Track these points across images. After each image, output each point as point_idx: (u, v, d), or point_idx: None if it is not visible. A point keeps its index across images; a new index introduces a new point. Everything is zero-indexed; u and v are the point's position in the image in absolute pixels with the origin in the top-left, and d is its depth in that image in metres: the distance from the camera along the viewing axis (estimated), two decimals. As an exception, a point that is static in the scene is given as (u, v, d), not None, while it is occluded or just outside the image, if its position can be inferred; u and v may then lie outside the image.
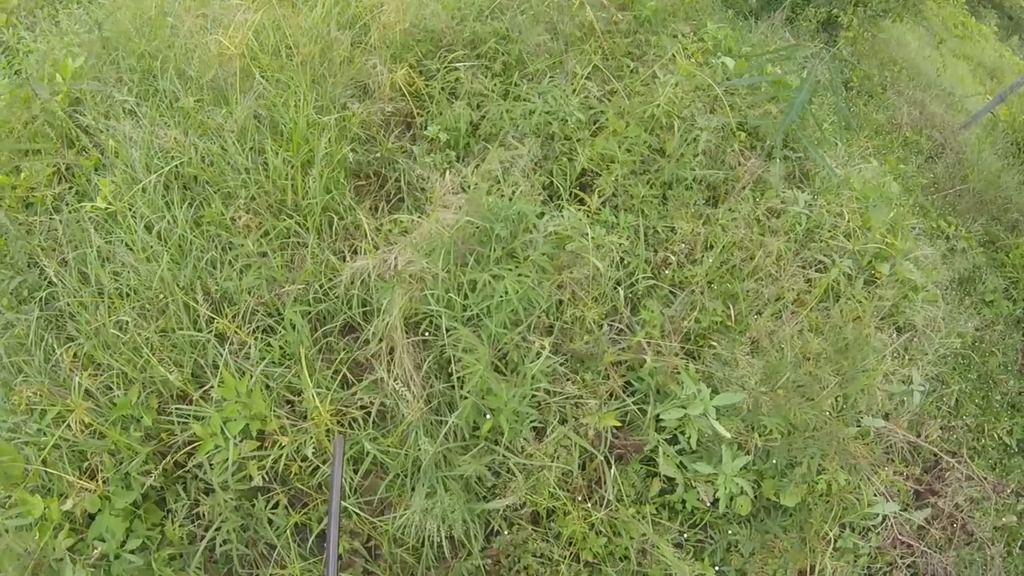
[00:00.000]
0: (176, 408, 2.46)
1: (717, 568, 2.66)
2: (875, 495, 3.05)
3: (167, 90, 3.33)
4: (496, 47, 3.47)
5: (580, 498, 2.56)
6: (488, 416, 2.40)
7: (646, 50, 3.63)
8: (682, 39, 3.74)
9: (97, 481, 2.32)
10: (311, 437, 2.43)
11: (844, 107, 3.49)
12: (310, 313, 2.78)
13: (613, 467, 2.59)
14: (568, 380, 2.60)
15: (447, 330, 2.54)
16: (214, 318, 2.65)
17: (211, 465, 2.34)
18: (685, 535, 2.67)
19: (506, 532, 2.50)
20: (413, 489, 2.40)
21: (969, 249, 5.29)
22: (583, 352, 2.67)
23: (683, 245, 3.01)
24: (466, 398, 2.42)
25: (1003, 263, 5.52)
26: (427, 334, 2.65)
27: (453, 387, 2.52)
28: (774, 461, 2.84)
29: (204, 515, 2.39)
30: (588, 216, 2.89)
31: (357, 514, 2.44)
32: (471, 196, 2.76)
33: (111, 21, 3.88)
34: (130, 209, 2.87)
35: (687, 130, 3.23)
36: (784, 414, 2.83)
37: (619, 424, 2.63)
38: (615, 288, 2.84)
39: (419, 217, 2.90)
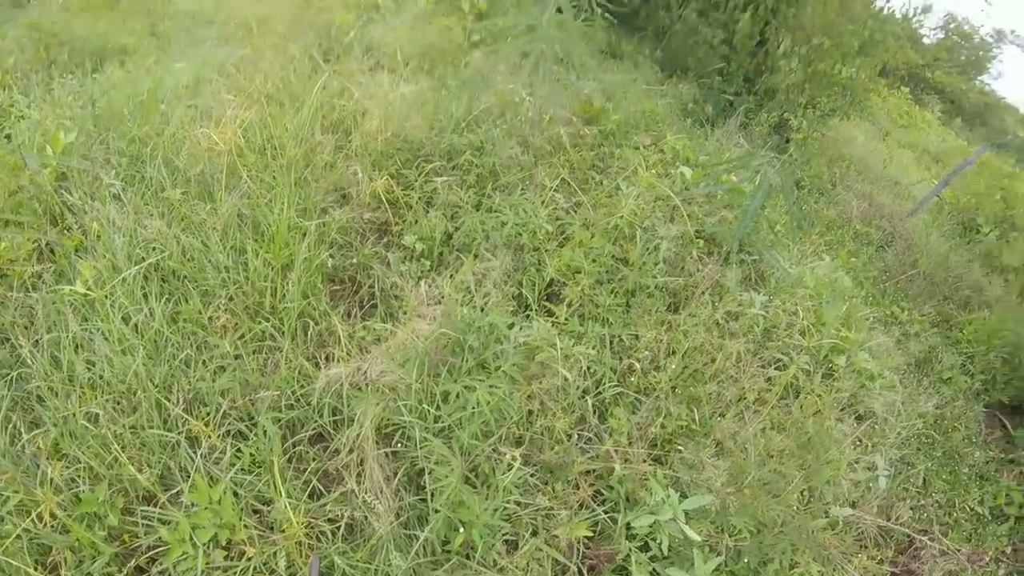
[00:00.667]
0: (142, 510, 2.41)
1: (694, 675, 2.63)
2: (852, 582, 3.08)
3: (154, 178, 3.39)
4: (471, 159, 3.67)
5: (552, 612, 2.55)
6: (460, 530, 2.41)
7: (610, 162, 3.88)
8: (643, 151, 4.01)
9: (59, 576, 2.24)
10: (281, 549, 2.40)
11: (796, 211, 3.75)
12: (281, 420, 2.78)
13: (585, 578, 2.60)
14: (539, 491, 2.64)
15: (419, 441, 2.57)
16: (187, 418, 2.64)
17: (176, 573, 2.28)
18: (660, 642, 2.66)
19: (476, 651, 2.46)
20: (382, 608, 2.37)
21: (923, 332, 5.53)
22: (553, 462, 2.72)
23: (647, 352, 3.13)
24: (438, 511, 2.43)
25: (958, 340, 5.77)
26: (399, 445, 2.67)
27: (424, 500, 2.54)
28: (746, 560, 2.87)
29: (166, 623, 2.32)
30: (556, 326, 3.01)
31: (322, 634, 2.39)
32: (446, 307, 2.86)
33: (105, 99, 3.98)
34: (109, 297, 2.86)
35: (649, 239, 3.42)
36: (752, 513, 2.89)
37: (591, 534, 2.65)
38: (583, 397, 2.92)
39: (393, 326, 2.98)
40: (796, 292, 3.93)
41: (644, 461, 2.84)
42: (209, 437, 2.63)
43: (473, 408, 2.56)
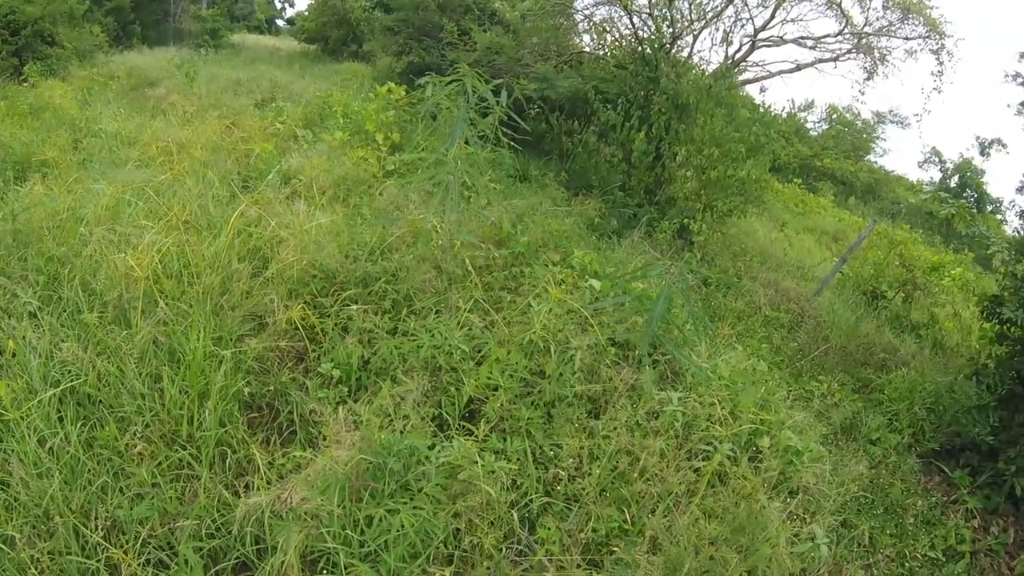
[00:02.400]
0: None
1: None
2: (807, 656, 3.04)
3: (70, 299, 3.41)
4: (386, 286, 3.85)
5: None
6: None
7: (522, 281, 4.13)
8: (552, 268, 4.30)
9: None
10: None
11: (697, 312, 4.04)
12: (203, 549, 2.71)
13: None
14: (472, 612, 2.60)
15: (345, 568, 2.54)
16: (106, 546, 2.57)
17: None
18: None
19: None
20: None
21: (844, 400, 5.71)
22: (485, 581, 2.70)
23: (571, 460, 3.21)
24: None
25: (880, 401, 5.88)
26: (324, 572, 2.62)
27: (352, 634, 2.46)
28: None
29: None
30: (477, 443, 3.07)
31: None
32: (365, 432, 2.91)
33: (26, 215, 4.03)
34: (24, 419, 2.81)
35: (563, 351, 3.59)
36: (693, 602, 2.88)
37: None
38: (510, 510, 2.95)
39: (312, 453, 2.99)
40: (712, 384, 4.13)
41: (578, 567, 2.85)
42: (129, 565, 2.57)
43: (398, 531, 2.57)
